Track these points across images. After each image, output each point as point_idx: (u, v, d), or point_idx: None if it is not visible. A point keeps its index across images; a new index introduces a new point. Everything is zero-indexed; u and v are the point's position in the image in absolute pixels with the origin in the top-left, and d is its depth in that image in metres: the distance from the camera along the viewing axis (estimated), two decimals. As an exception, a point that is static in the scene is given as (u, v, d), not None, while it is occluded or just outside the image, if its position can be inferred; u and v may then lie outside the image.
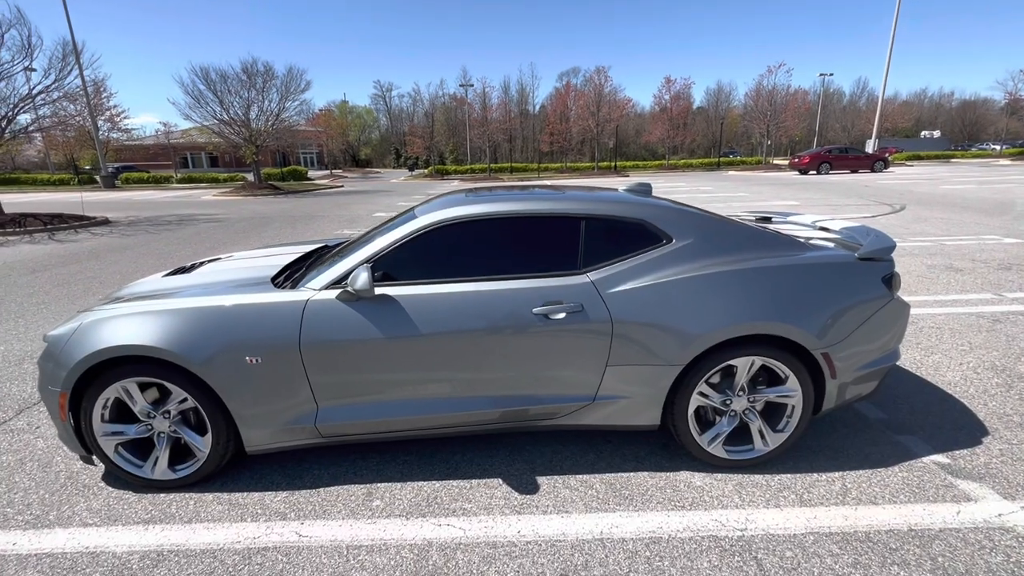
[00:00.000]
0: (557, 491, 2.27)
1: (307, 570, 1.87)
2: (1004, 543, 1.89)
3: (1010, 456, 2.42)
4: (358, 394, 2.26)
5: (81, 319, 2.28)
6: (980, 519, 2.02)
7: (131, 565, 1.92)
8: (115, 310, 2.29)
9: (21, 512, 2.22)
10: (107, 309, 2.31)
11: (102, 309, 2.33)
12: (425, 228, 2.32)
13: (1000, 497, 2.14)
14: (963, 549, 1.87)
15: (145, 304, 2.29)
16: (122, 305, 2.32)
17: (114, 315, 2.25)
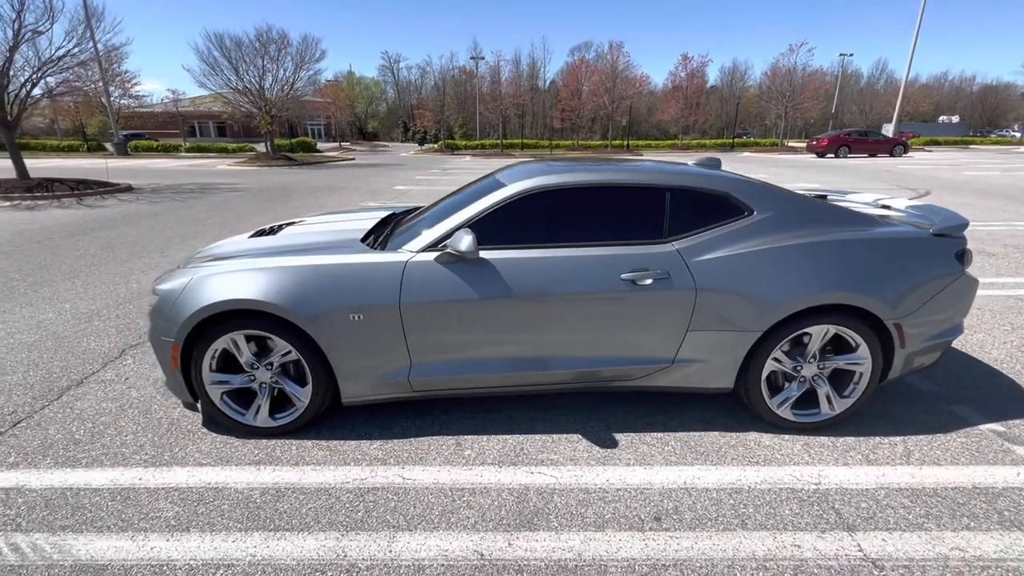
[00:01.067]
0: (635, 446, 2.43)
1: (417, 507, 2.03)
2: (1065, 501, 2.04)
3: (1061, 426, 2.55)
4: (449, 352, 2.39)
5: (191, 274, 2.40)
6: (1040, 480, 2.16)
7: (253, 499, 2.08)
8: (223, 267, 2.41)
9: (136, 452, 2.39)
10: (215, 266, 2.44)
11: (209, 266, 2.45)
12: (517, 195, 2.41)
13: (1056, 462, 2.28)
14: (1027, 505, 2.02)
15: (252, 262, 2.41)
16: (229, 262, 2.45)
17: (224, 271, 2.37)
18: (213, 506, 2.04)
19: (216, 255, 2.67)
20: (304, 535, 1.89)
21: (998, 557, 1.78)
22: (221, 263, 2.45)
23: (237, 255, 2.56)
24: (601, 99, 33.61)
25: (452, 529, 1.92)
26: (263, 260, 2.41)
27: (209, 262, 2.51)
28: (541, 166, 2.73)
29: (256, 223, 8.28)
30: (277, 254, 2.49)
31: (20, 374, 3.14)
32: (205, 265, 2.47)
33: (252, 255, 2.52)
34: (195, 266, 2.51)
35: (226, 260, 2.49)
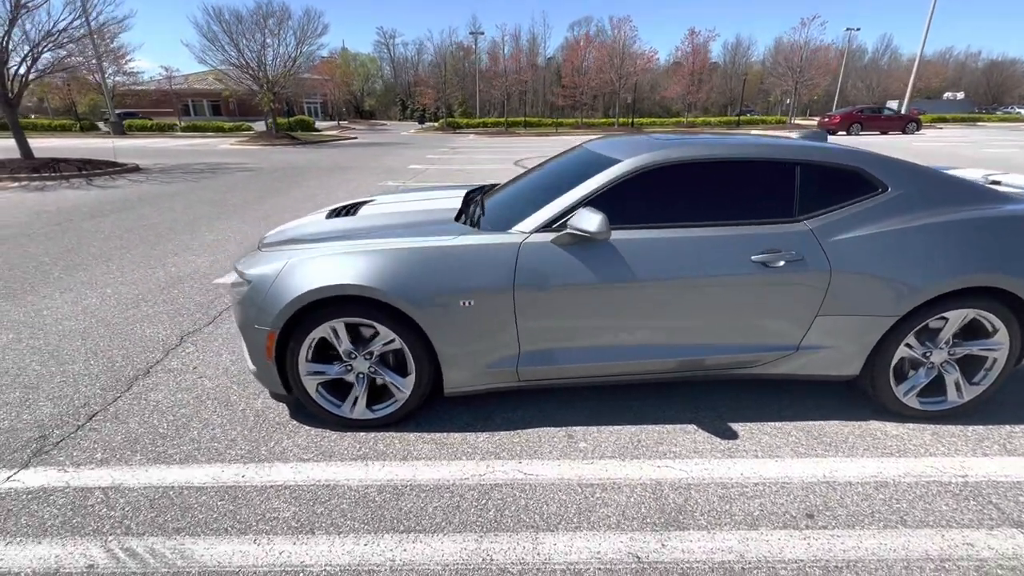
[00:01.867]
0: (756, 437, 2.30)
1: (550, 505, 1.91)
2: None
3: None
4: (561, 339, 2.25)
5: (284, 258, 2.23)
6: None
7: (371, 497, 1.96)
8: (318, 250, 2.24)
9: (230, 447, 2.25)
10: (306, 249, 2.26)
11: (301, 249, 2.27)
12: (636, 171, 2.23)
13: None
14: None
15: (350, 245, 2.24)
16: (323, 245, 2.27)
17: (322, 255, 2.20)
18: (331, 505, 1.91)
19: (296, 237, 2.49)
20: (440, 537, 1.77)
21: None
22: (315, 246, 2.28)
23: (326, 237, 2.38)
24: (607, 76, 32.88)
25: (596, 529, 1.80)
26: (361, 243, 2.24)
27: (297, 246, 2.33)
28: (647, 139, 2.55)
29: (279, 203, 8.05)
30: (373, 236, 2.31)
31: (81, 363, 2.98)
32: (294, 249, 2.29)
33: (345, 237, 2.34)
34: (281, 250, 2.34)
35: (316, 243, 2.31)
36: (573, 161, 2.74)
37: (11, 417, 2.45)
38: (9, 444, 2.25)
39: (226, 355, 3.09)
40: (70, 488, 2.00)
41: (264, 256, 2.34)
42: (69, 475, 2.07)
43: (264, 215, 7.24)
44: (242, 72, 20.73)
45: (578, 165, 2.60)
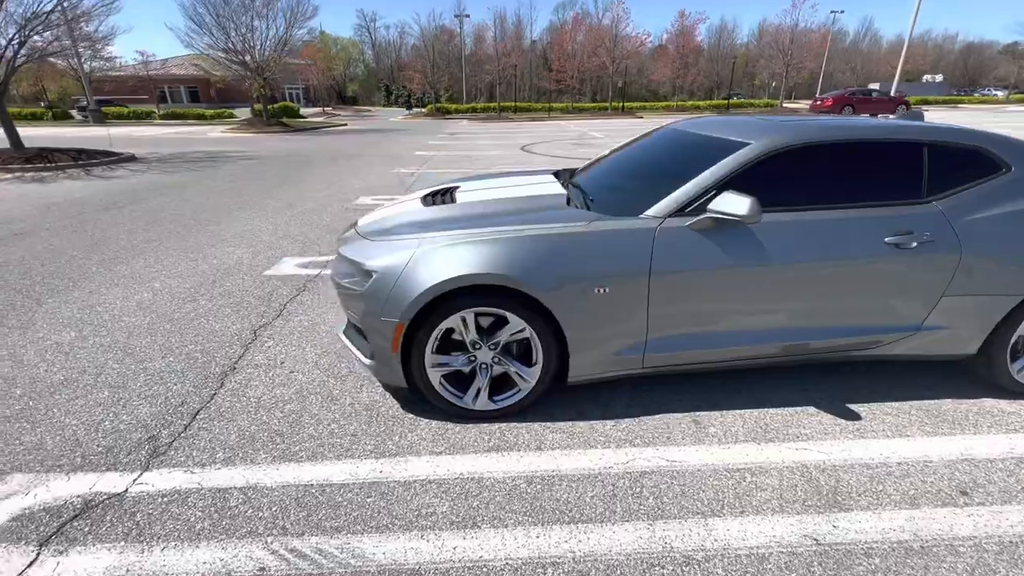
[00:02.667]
0: (879, 417, 2.33)
1: (708, 491, 1.90)
2: None
3: None
4: (688, 325, 2.22)
5: (410, 247, 2.16)
6: None
7: (522, 488, 1.93)
8: (442, 238, 2.16)
9: (354, 443, 2.19)
10: (436, 237, 2.18)
11: (428, 238, 2.19)
12: (765, 154, 2.19)
13: None
14: None
15: (478, 233, 2.16)
16: (449, 233, 2.19)
17: (453, 243, 2.13)
18: (485, 499, 1.88)
19: (406, 224, 2.41)
20: (610, 526, 1.75)
21: None
22: (439, 235, 2.19)
23: (443, 225, 2.30)
24: (601, 59, 32.61)
25: (762, 513, 1.80)
26: (491, 231, 2.16)
27: (417, 234, 2.24)
28: (759, 120, 2.51)
29: (298, 192, 7.85)
30: (497, 223, 2.24)
31: (159, 360, 2.87)
32: (416, 237, 2.21)
33: (464, 224, 2.27)
34: (400, 238, 2.25)
35: (438, 231, 2.22)
36: (674, 143, 2.70)
37: (110, 418, 2.36)
38: (119, 446, 2.16)
39: (309, 349, 3.01)
40: (204, 489, 1.93)
41: (382, 245, 2.26)
42: (198, 476, 2.00)
43: (287, 203, 7.04)
44: (231, 56, 20.00)
45: (684, 148, 2.56)
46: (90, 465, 2.05)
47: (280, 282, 4.08)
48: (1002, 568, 1.58)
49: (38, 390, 2.58)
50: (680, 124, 2.99)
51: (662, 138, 2.93)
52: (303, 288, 3.95)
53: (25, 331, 3.24)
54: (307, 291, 3.89)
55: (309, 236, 5.40)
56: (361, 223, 2.67)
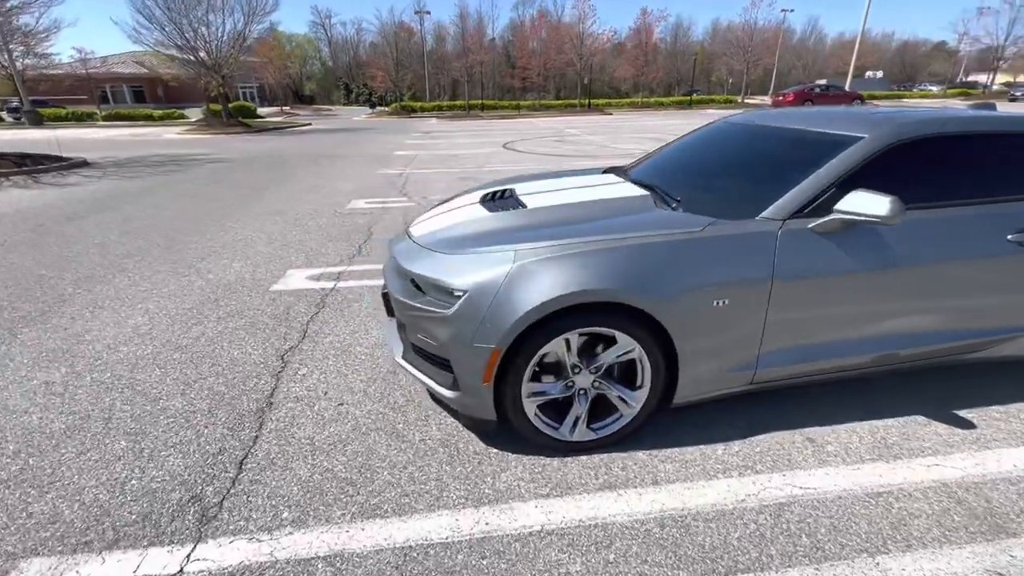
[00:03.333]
0: (993, 424, 2.21)
1: (861, 523, 1.71)
2: None
3: None
4: (806, 336, 2.04)
5: (508, 262, 1.87)
6: None
7: (657, 534, 1.68)
8: (544, 250, 1.88)
9: (443, 489, 1.89)
10: (532, 249, 1.89)
11: (522, 249, 1.90)
12: (883, 149, 2.02)
13: None
14: None
15: (580, 243, 1.89)
16: (545, 244, 1.90)
17: (553, 255, 1.85)
18: (621, 550, 1.62)
19: (482, 233, 2.12)
20: (776, 573, 1.54)
21: None
22: (533, 245, 1.91)
23: (526, 233, 2.02)
24: (568, 56, 32.63)
25: (930, 546, 1.62)
26: (588, 240, 1.90)
27: (505, 246, 1.95)
28: (859, 111, 2.36)
29: (284, 197, 7.33)
30: (592, 231, 1.97)
31: (181, 399, 2.47)
32: (506, 249, 1.91)
33: (556, 233, 1.98)
34: (489, 251, 1.95)
35: (525, 242, 1.94)
36: (749, 138, 2.56)
37: (137, 475, 1.97)
38: (158, 511, 1.79)
39: (352, 376, 2.67)
40: (280, 562, 1.60)
41: (467, 260, 1.96)
42: (268, 545, 1.66)
43: (275, 209, 6.53)
44: (184, 53, 18.73)
45: (770, 143, 2.41)
46: (127, 540, 1.68)
47: (293, 298, 3.68)
48: None
49: (37, 444, 2.15)
50: (741, 118, 2.83)
51: (729, 133, 2.75)
52: (322, 304, 3.57)
53: (2, 370, 2.75)
54: (327, 307, 3.52)
55: (310, 245, 4.97)
56: (418, 232, 2.36)
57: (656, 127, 18.85)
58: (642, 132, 16.88)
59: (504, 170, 9.33)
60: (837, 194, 1.94)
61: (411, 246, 2.27)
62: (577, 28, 33.00)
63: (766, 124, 2.56)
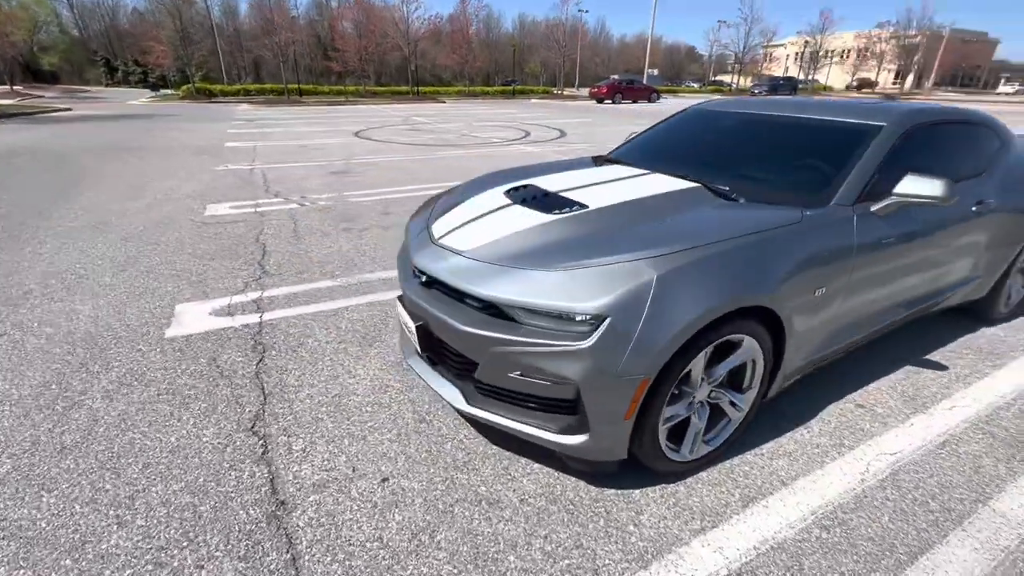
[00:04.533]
0: (960, 361, 2.68)
1: (948, 472, 1.90)
2: None
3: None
4: (860, 311, 2.18)
5: (643, 273, 1.56)
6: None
7: (823, 539, 1.63)
8: (679, 257, 1.61)
9: (593, 559, 1.56)
10: (667, 258, 1.61)
11: (655, 258, 1.60)
12: (900, 135, 2.23)
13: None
14: None
15: (705, 247, 1.67)
16: (680, 250, 1.63)
17: (689, 262, 1.61)
18: (812, 567, 1.52)
19: (560, 243, 1.76)
20: (942, 547, 1.60)
21: None
22: (661, 252, 1.63)
23: (633, 237, 1.73)
24: (395, 41, 31.12)
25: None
26: (711, 243, 1.70)
27: (628, 255, 1.62)
28: (851, 104, 2.59)
29: (97, 205, 5.57)
30: (701, 233, 1.76)
31: (121, 535, 1.60)
32: (632, 259, 1.60)
33: (671, 236, 1.73)
34: (611, 261, 1.60)
35: (655, 248, 1.65)
36: (756, 127, 2.68)
37: None
38: None
39: (371, 436, 2.06)
40: None
41: (583, 277, 1.59)
42: None
43: (97, 221, 4.82)
44: None
45: (787, 132, 2.52)
46: None
47: (211, 344, 2.72)
48: None
49: None
50: (716, 104, 3.01)
51: (727, 121, 2.84)
52: (261, 347, 2.71)
53: None
54: (273, 351, 2.68)
55: (186, 269, 3.77)
56: (465, 245, 1.87)
57: (500, 115, 19.21)
58: (491, 120, 17.02)
59: (382, 161, 8.47)
60: (880, 178, 2.10)
61: (467, 263, 1.80)
62: (401, 11, 31.68)
63: (772, 114, 2.66)
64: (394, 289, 3.43)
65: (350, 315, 3.09)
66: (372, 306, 3.21)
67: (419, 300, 1.90)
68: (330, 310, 3.15)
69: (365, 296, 3.35)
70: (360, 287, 3.49)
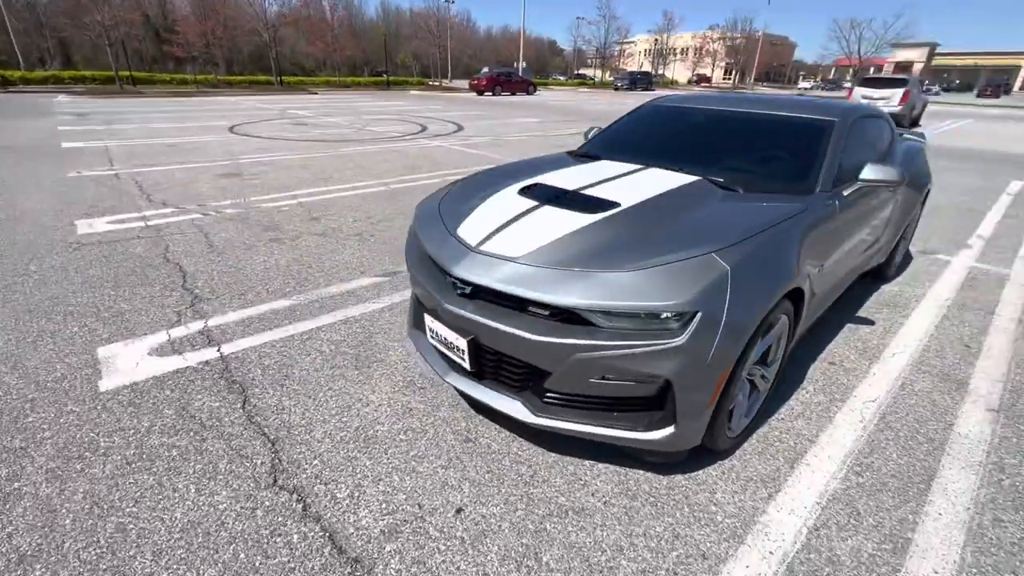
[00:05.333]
0: (881, 312, 3.22)
1: (922, 407, 2.30)
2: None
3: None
4: (832, 280, 2.49)
5: (718, 268, 1.62)
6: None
7: (864, 484, 1.88)
8: (735, 249, 1.71)
9: (704, 553, 1.62)
10: (727, 247, 1.70)
11: (721, 250, 1.68)
12: (847, 130, 2.59)
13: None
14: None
15: (754, 238, 1.80)
16: (736, 242, 1.74)
17: (748, 252, 1.74)
18: (873, 499, 1.75)
19: (616, 243, 1.78)
20: (968, 474, 1.93)
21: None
22: (722, 244, 1.71)
23: (683, 231, 1.83)
24: (252, 24, 27.91)
25: (959, 408, 2.32)
26: (758, 233, 1.83)
27: (696, 248, 1.68)
28: (796, 99, 2.92)
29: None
30: (733, 224, 1.89)
31: None
32: (702, 252, 1.67)
33: (718, 229, 1.84)
34: (685, 256, 1.65)
35: (717, 241, 1.73)
36: (723, 122, 2.93)
37: None
38: None
39: (418, 466, 1.89)
40: None
41: (660, 275, 1.61)
42: None
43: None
44: None
45: (754, 126, 2.79)
46: None
47: (169, 392, 2.26)
48: None
49: None
50: (675, 99, 3.23)
51: (692, 116, 3.06)
52: (228, 387, 2.31)
53: None
54: (254, 388, 2.30)
55: (89, 302, 3.05)
56: (529, 256, 1.75)
57: (386, 108, 18.33)
58: (380, 113, 16.17)
59: (277, 161, 7.59)
60: (840, 166, 2.43)
61: (526, 270, 1.72)
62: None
63: (736, 110, 2.91)
64: (365, 302, 3.16)
65: (328, 336, 2.77)
66: (349, 323, 2.91)
67: (466, 313, 1.78)
68: (300, 333, 2.80)
69: (333, 314, 3.02)
70: (324, 304, 3.14)
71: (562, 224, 1.93)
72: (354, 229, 4.58)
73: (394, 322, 2.94)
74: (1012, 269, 4.05)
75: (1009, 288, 3.67)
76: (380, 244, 4.21)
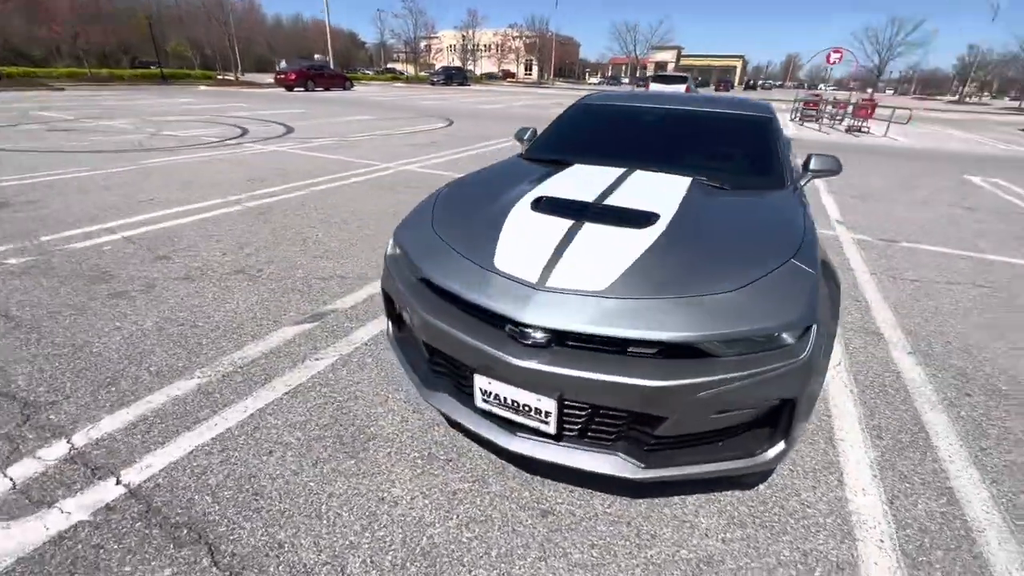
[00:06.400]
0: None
1: (872, 366, 2.68)
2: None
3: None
4: None
5: (810, 275, 1.59)
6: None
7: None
8: (796, 248, 1.70)
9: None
10: (797, 248, 1.67)
11: (796, 256, 1.65)
12: (776, 120, 2.84)
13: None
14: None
15: (802, 236, 1.82)
16: (798, 242, 1.72)
17: (809, 249, 1.78)
18: (910, 471, 1.95)
19: (696, 260, 1.65)
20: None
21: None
22: (791, 246, 1.68)
23: (744, 238, 1.78)
24: None
25: (893, 357, 2.76)
26: (795, 233, 1.87)
27: (768, 265, 1.61)
28: (728, 96, 3.11)
29: None
30: (764, 224, 1.92)
31: None
32: (779, 263, 1.63)
33: (771, 230, 1.83)
34: (770, 268, 1.58)
35: (783, 248, 1.70)
36: (691, 121, 2.96)
37: None
38: None
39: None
40: None
41: (760, 290, 1.52)
42: None
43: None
44: None
45: (700, 123, 2.88)
46: None
47: (67, 561, 1.42)
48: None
49: None
50: (599, 98, 3.27)
51: (633, 115, 3.05)
52: (173, 529, 1.56)
53: None
54: (213, 524, 1.58)
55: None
56: (611, 288, 1.51)
57: (181, 108, 15.03)
58: (175, 115, 13.16)
59: (57, 181, 5.56)
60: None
61: (617, 304, 1.48)
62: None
63: (684, 108, 2.98)
64: (303, 361, 2.48)
65: (283, 420, 2.08)
66: (301, 395, 2.23)
67: (547, 367, 1.46)
68: (238, 425, 2.04)
69: (270, 386, 2.28)
70: (247, 375, 2.36)
71: (621, 244, 1.70)
72: (230, 265, 3.60)
73: (361, 379, 2.36)
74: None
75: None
76: (276, 280, 3.38)
